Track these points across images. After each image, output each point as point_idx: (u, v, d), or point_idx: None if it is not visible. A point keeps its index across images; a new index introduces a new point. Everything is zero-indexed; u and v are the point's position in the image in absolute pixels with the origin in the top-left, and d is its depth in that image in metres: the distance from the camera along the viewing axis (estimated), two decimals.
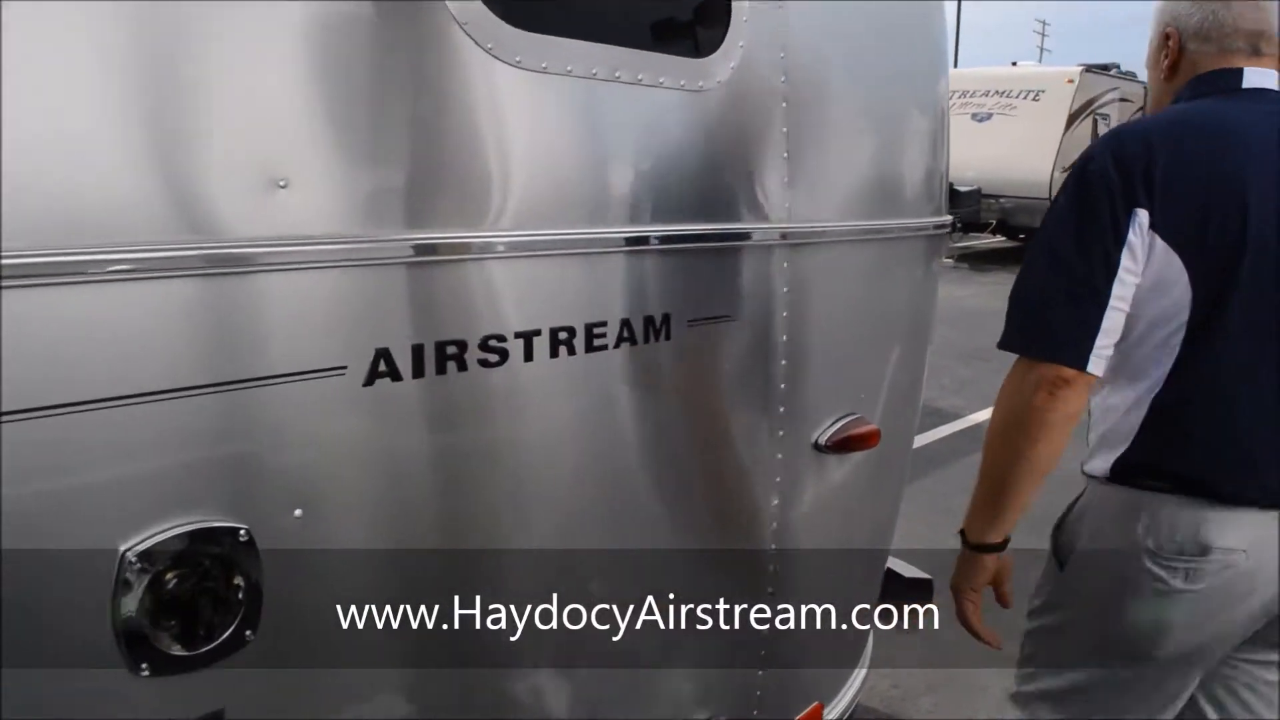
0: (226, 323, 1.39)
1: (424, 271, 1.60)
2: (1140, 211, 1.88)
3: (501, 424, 1.74)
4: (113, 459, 1.30)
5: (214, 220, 1.36)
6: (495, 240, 1.67)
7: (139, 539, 1.33)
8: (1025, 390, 1.97)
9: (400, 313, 1.57)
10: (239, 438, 1.42)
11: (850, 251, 2.49)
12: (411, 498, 1.63)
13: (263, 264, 1.40)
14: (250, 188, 1.38)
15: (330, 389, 1.49)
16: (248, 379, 1.40)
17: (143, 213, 1.29)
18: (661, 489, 2.10)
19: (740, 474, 2.30)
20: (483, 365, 1.67)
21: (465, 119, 1.64)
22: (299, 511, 1.48)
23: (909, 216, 2.65)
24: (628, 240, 1.89)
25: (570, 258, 1.81)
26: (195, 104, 1.33)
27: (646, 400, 2.00)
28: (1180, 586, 1.98)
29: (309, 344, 1.47)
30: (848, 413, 2.55)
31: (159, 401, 1.32)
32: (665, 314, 1.98)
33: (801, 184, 2.25)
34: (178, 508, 1.36)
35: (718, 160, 2.08)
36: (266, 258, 1.40)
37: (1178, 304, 1.92)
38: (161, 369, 1.32)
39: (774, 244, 2.22)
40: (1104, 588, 2.10)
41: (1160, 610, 2.00)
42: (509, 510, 1.79)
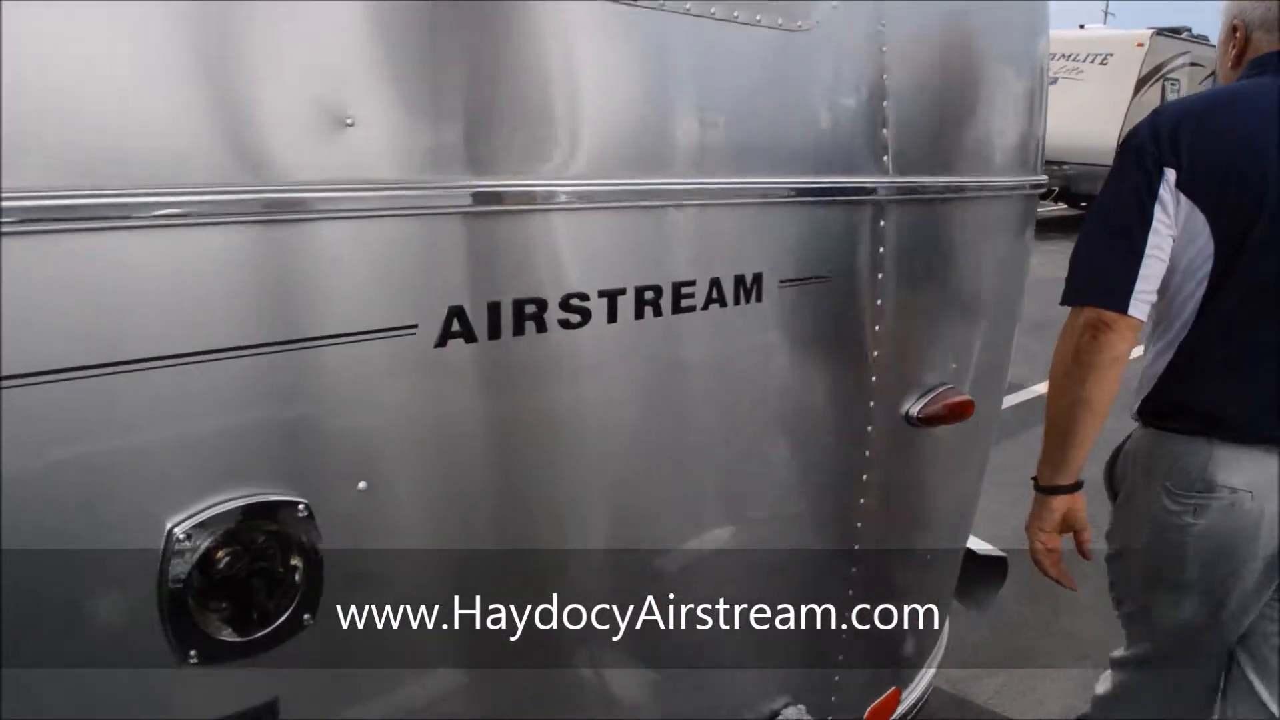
0: (285, 276, 1.24)
1: (501, 223, 1.45)
2: (1169, 171, 2.08)
3: (582, 390, 1.58)
4: (159, 424, 1.16)
5: (273, 162, 1.21)
6: (580, 189, 1.51)
7: (188, 513, 1.19)
8: (1073, 335, 2.15)
9: (475, 268, 1.41)
10: (298, 403, 1.27)
11: (949, 210, 2.30)
12: (484, 472, 1.49)
13: (326, 210, 1.25)
14: (313, 127, 1.23)
15: (399, 350, 1.34)
16: (308, 338, 1.25)
17: (195, 152, 1.14)
18: (746, 465, 1.95)
19: (829, 450, 2.13)
20: (564, 326, 1.51)
21: (556, 57, 1.47)
22: (363, 485, 1.33)
23: (1007, 175, 2.45)
24: (720, 192, 1.72)
25: (659, 210, 1.65)
26: (253, 35, 1.18)
27: (734, 367, 1.84)
28: (1191, 522, 2.17)
29: (376, 301, 1.32)
30: (939, 383, 2.37)
31: (211, 362, 1.18)
32: (757, 274, 1.81)
33: (901, 135, 2.07)
34: (231, 479, 1.22)
35: (815, 106, 1.90)
36: (330, 204, 1.25)
37: (1203, 255, 2.10)
38: (214, 326, 1.18)
39: (873, 199, 2.04)
40: (1139, 522, 2.30)
41: (1179, 545, 2.20)
42: (588, 488, 1.65)
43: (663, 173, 1.63)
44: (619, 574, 1.70)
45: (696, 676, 1.98)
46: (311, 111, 1.22)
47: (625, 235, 1.60)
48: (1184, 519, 2.18)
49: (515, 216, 1.45)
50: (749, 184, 1.76)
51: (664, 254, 1.66)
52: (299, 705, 1.33)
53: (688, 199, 1.67)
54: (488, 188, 1.40)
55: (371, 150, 1.28)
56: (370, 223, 1.29)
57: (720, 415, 1.85)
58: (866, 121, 2.00)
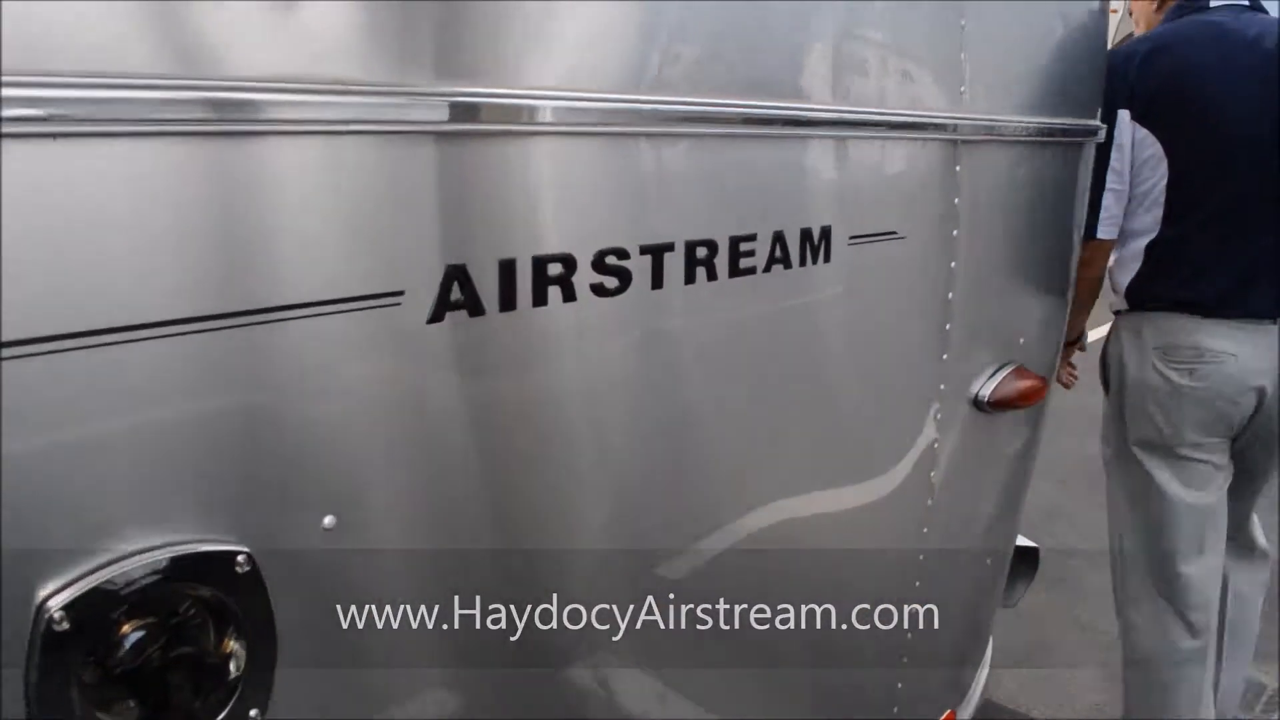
0: (219, 218, 0.84)
1: (513, 150, 1.04)
2: (1122, 112, 2.47)
3: (623, 385, 1.19)
4: (18, 439, 0.76)
5: (205, 49, 0.81)
6: (616, 106, 1.12)
7: (68, 579, 0.79)
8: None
9: (482, 212, 1.02)
10: (237, 404, 0.87)
11: (1023, 156, 1.93)
12: (498, 498, 1.08)
13: (274, 120, 0.85)
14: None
15: (378, 326, 0.95)
16: (247, 311, 0.85)
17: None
18: (809, 462, 1.57)
19: (896, 446, 1.76)
20: (597, 293, 1.12)
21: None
22: (330, 520, 0.93)
23: (1077, 118, 2.08)
24: (786, 121, 1.33)
25: (715, 142, 1.25)
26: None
27: (796, 348, 1.46)
28: (1186, 383, 2.54)
29: (344, 257, 0.92)
30: (1007, 360, 2.00)
31: (100, 347, 0.78)
32: (825, 227, 1.43)
33: (977, 62, 1.69)
34: (133, 522, 0.82)
35: (885, 23, 1.52)
36: (279, 110, 0.85)
37: (1160, 171, 2.49)
38: (109, 295, 0.78)
39: (948, 139, 1.67)
40: (1134, 393, 2.65)
41: (1174, 404, 2.57)
42: (633, 499, 1.26)
43: (719, 92, 1.24)
44: (686, 608, 1.31)
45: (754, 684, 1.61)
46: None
47: (675, 173, 1.20)
48: (1178, 380, 2.55)
49: (534, 141, 1.05)
50: (818, 111, 1.37)
51: (720, 199, 1.27)
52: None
53: (747, 126, 1.28)
54: (495, 98, 1.00)
55: (338, 39, 0.88)
56: (333, 141, 0.89)
57: (779, 407, 1.47)
58: (942, 43, 1.62)
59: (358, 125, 0.88)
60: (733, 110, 1.25)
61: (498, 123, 1.00)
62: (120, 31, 0.76)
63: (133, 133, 0.78)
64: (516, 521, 1.11)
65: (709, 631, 1.36)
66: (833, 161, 1.46)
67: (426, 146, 0.95)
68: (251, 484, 0.88)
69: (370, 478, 0.96)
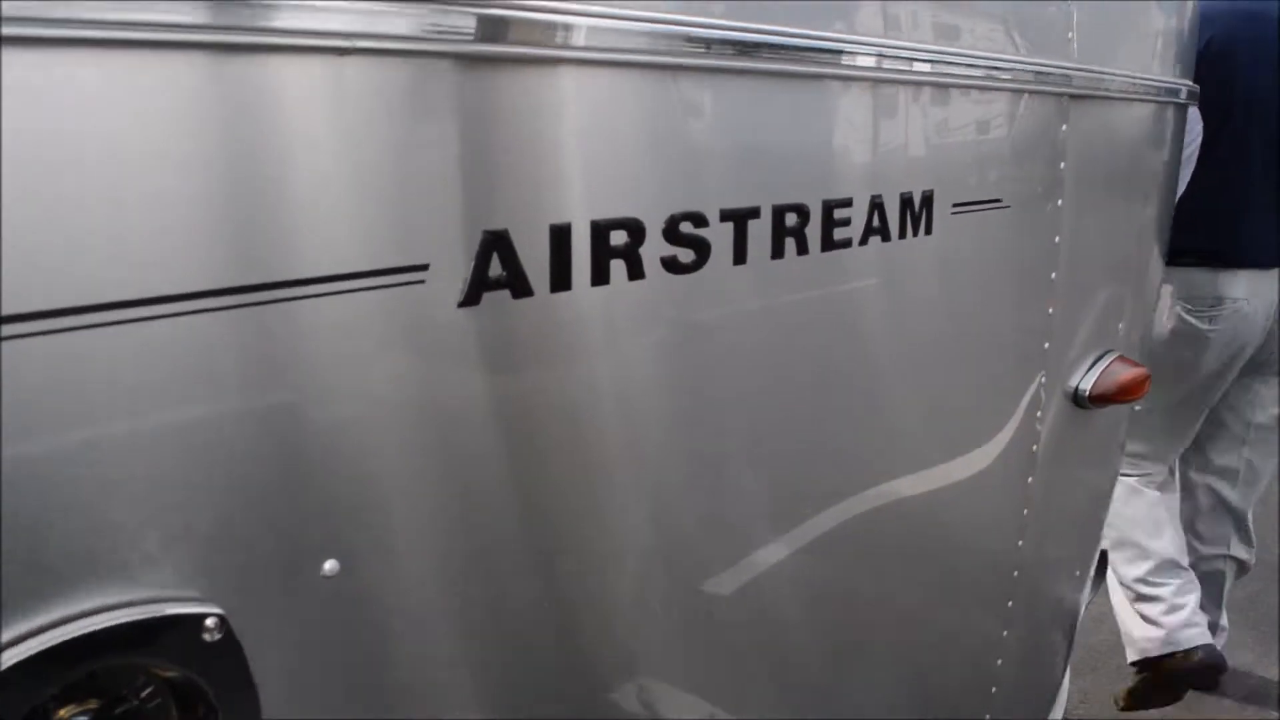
0: (175, 165, 0.62)
1: (569, 80, 0.82)
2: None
3: (707, 381, 0.97)
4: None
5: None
6: (701, 34, 0.89)
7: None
8: None
9: (528, 164, 0.79)
10: (206, 412, 0.65)
11: (1130, 117, 1.70)
12: (553, 526, 0.86)
13: (260, 31, 0.63)
14: None
15: (395, 309, 0.72)
16: (215, 292, 0.63)
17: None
18: (904, 470, 1.34)
19: (995, 450, 1.52)
20: (669, 269, 0.89)
21: None
22: (331, 565, 0.71)
23: (1176, 76, 1.84)
24: (879, 56, 1.10)
25: (806, 84, 1.02)
26: None
27: (893, 334, 1.23)
28: (1208, 328, 2.87)
29: (351, 219, 0.69)
30: (1107, 349, 1.77)
31: (29, 336, 0.56)
32: (926, 193, 1.20)
33: (1085, 8, 1.46)
34: (63, 578, 0.60)
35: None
36: (267, 18, 0.62)
37: (1196, 132, 2.61)
38: (41, 268, 0.56)
39: (1056, 92, 1.43)
40: (1162, 340, 2.89)
41: (1196, 346, 2.89)
42: (724, 522, 1.03)
43: (811, 22, 1.01)
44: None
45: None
46: None
47: (760, 121, 0.97)
48: (1202, 326, 2.86)
49: (589, 72, 0.82)
50: (918, 51, 1.14)
51: (811, 155, 1.04)
52: None
53: (839, 65, 1.05)
54: (536, 11, 0.77)
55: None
56: (338, 66, 0.66)
57: (870, 405, 1.24)
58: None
59: (364, 41, 0.66)
60: (817, 43, 1.01)
61: (543, 46, 0.77)
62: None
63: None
64: (578, 563, 0.89)
65: (804, 636, 1.17)
66: (938, 118, 1.23)
67: (453, 73, 0.72)
68: (226, 521, 0.66)
69: (385, 508, 0.74)
